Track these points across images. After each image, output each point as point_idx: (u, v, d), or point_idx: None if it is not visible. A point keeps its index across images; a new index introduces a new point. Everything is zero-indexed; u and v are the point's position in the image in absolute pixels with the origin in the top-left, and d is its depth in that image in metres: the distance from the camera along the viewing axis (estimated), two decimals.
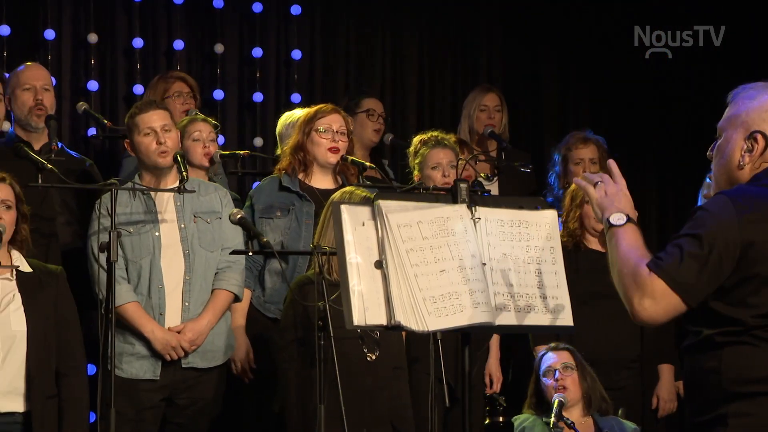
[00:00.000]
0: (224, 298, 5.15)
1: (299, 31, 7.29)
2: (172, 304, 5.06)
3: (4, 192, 4.49)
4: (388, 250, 3.45)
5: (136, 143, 5.12)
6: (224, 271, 5.15)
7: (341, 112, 5.50)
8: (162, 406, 5.06)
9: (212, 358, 5.12)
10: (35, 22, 6.67)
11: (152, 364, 5.02)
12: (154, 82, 6.21)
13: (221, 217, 5.17)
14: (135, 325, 4.99)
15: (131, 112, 5.19)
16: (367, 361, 4.52)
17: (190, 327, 5.04)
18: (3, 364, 4.38)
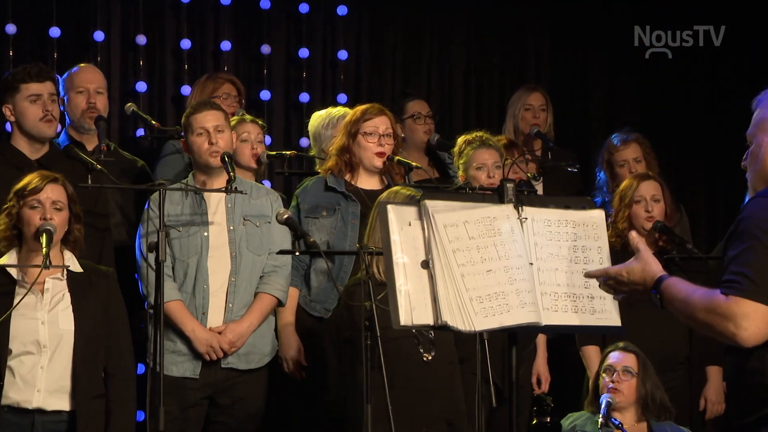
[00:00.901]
0: (268, 301, 5.17)
1: (346, 32, 7.31)
2: (215, 305, 5.09)
3: (56, 193, 4.54)
4: (434, 250, 3.45)
5: (189, 143, 5.17)
6: (269, 275, 5.18)
7: (387, 113, 5.50)
8: (204, 405, 5.08)
9: (252, 361, 5.14)
10: (85, 24, 6.74)
11: (193, 363, 5.05)
12: (202, 82, 6.24)
13: (271, 221, 5.19)
14: (177, 323, 5.03)
15: (187, 112, 5.24)
16: (423, 361, 4.50)
17: (231, 328, 5.07)
18: (50, 363, 4.42)
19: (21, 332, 4.40)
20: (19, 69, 5.13)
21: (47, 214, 4.48)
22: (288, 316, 5.29)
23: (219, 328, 5.06)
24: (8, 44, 6.52)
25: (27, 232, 4.48)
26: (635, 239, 3.29)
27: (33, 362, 4.40)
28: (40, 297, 4.46)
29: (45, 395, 4.40)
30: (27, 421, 4.39)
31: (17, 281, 4.47)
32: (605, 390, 5.15)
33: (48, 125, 5.04)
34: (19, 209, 4.49)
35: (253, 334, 5.12)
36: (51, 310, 4.46)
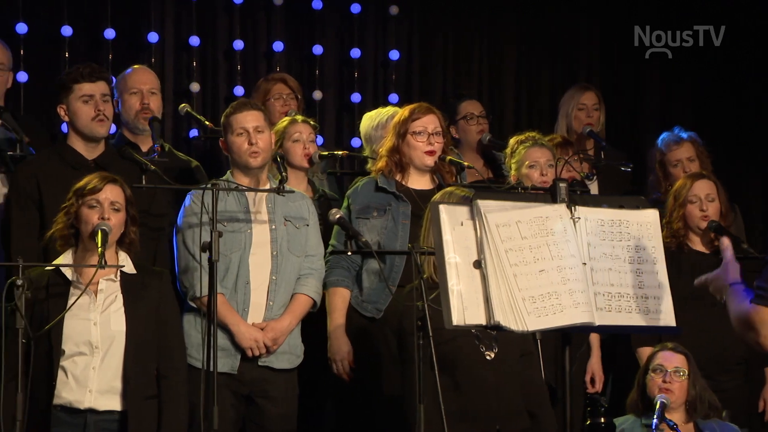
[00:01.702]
0: (305, 302, 5.19)
1: (397, 32, 7.31)
2: (256, 302, 5.10)
3: (114, 194, 4.57)
4: (486, 249, 3.45)
5: (229, 142, 5.19)
6: (306, 278, 5.20)
7: (435, 112, 5.48)
8: (242, 402, 5.08)
9: (287, 360, 5.15)
10: (139, 26, 6.80)
11: (231, 358, 5.06)
12: (258, 85, 6.28)
13: (309, 224, 5.22)
14: (219, 317, 5.00)
15: (227, 111, 5.25)
16: (487, 359, 4.48)
17: (272, 326, 5.08)
18: (101, 363, 4.44)
19: (74, 333, 4.43)
20: (72, 69, 5.17)
21: (105, 214, 4.51)
22: (339, 317, 5.29)
23: (260, 325, 5.08)
24: (64, 46, 6.59)
25: (84, 231, 4.52)
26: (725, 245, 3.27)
27: (85, 363, 4.43)
28: (93, 298, 4.49)
29: (97, 396, 4.42)
30: (79, 421, 4.41)
31: (72, 282, 4.51)
32: (656, 390, 5.11)
33: (100, 125, 5.07)
34: (77, 208, 4.52)
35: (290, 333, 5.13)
36: (103, 311, 4.49)
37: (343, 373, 5.27)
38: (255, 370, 5.08)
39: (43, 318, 4.40)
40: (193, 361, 4.84)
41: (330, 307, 5.27)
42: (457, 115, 6.51)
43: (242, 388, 5.07)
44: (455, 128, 6.47)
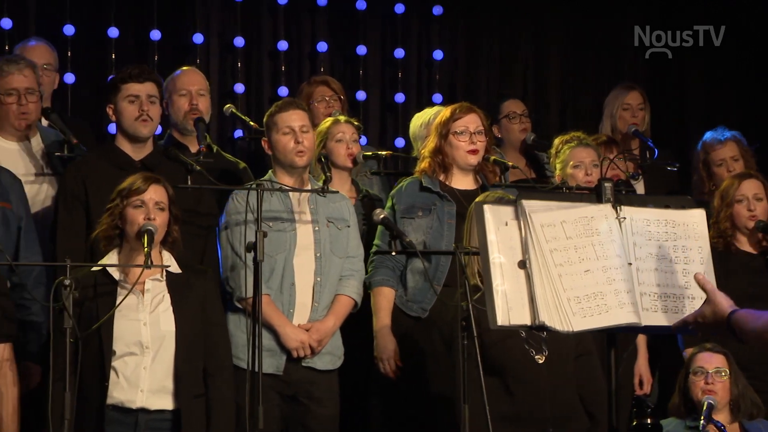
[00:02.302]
0: (347, 303, 5.20)
1: (441, 32, 7.31)
2: (301, 303, 5.11)
3: (159, 193, 4.59)
4: (531, 249, 3.44)
5: (273, 141, 5.19)
6: (347, 279, 5.21)
7: (477, 111, 5.46)
8: (286, 402, 5.10)
9: (330, 362, 5.16)
10: (184, 27, 6.85)
11: (276, 359, 5.07)
12: (300, 89, 6.31)
13: (350, 225, 5.23)
14: (265, 318, 5.01)
15: (270, 111, 5.26)
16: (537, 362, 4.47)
17: (317, 327, 5.09)
18: (152, 363, 4.47)
19: (124, 333, 4.46)
20: (122, 70, 5.22)
21: (150, 214, 4.53)
22: (384, 317, 5.29)
23: (305, 326, 5.09)
24: (110, 47, 6.65)
25: (129, 232, 4.55)
26: (701, 281, 3.26)
27: (136, 363, 4.46)
28: (141, 298, 4.52)
29: (148, 395, 4.45)
30: (131, 420, 4.44)
31: (119, 282, 4.55)
32: (699, 393, 5.07)
33: (143, 125, 5.09)
34: (122, 209, 4.55)
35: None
36: (152, 311, 4.51)
37: (390, 372, 5.27)
38: (299, 371, 5.09)
39: (91, 318, 4.43)
40: (238, 361, 4.86)
41: (375, 307, 5.28)
42: (499, 114, 6.50)
43: (287, 389, 5.09)
44: (498, 128, 6.46)
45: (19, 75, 5.30)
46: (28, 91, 5.31)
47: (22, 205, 5.03)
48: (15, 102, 5.30)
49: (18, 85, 5.29)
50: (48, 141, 5.44)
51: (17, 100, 5.30)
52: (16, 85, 5.29)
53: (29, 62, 5.40)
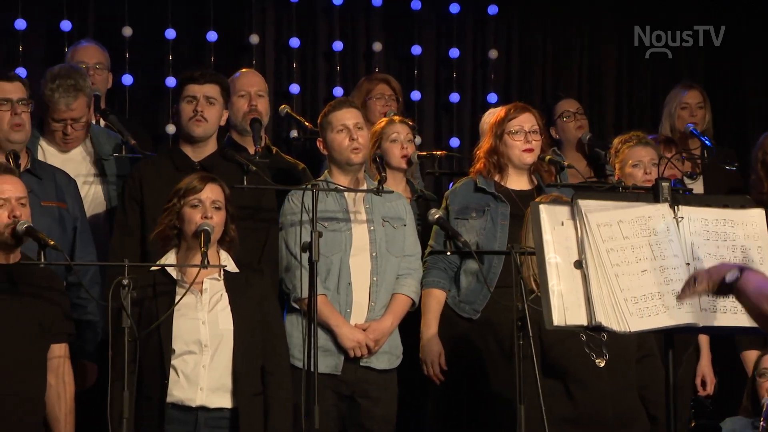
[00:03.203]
0: (404, 302, 5.19)
1: (496, 31, 7.29)
2: (358, 303, 5.12)
3: (215, 192, 4.61)
4: (587, 249, 3.44)
5: (329, 140, 5.20)
6: (404, 278, 5.20)
7: (532, 110, 5.45)
8: (344, 402, 5.11)
9: (388, 361, 5.16)
10: (240, 28, 6.89)
11: (335, 359, 5.08)
12: (360, 84, 6.32)
13: (406, 224, 5.23)
14: (322, 318, 5.03)
15: (325, 110, 5.28)
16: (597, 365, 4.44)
17: (374, 327, 5.09)
18: (211, 362, 4.48)
19: (183, 332, 4.48)
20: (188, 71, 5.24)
21: (207, 213, 4.56)
22: (432, 320, 5.28)
23: (362, 326, 5.09)
24: (167, 49, 6.71)
25: (187, 231, 4.57)
26: None
27: (195, 361, 4.47)
28: (199, 297, 4.54)
29: (207, 393, 4.46)
30: (191, 418, 4.46)
31: (177, 281, 4.58)
32: (765, 393, 5.02)
33: (196, 125, 5.12)
34: (179, 208, 4.58)
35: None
36: (210, 310, 4.53)
37: (434, 376, 5.27)
38: (357, 371, 5.09)
39: (151, 317, 4.46)
40: (294, 361, 4.87)
41: (424, 309, 5.28)
42: (554, 115, 6.48)
43: (344, 388, 5.09)
44: (555, 129, 6.44)
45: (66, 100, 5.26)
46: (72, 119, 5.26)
47: (77, 205, 5.09)
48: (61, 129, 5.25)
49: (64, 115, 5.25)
50: (99, 143, 5.48)
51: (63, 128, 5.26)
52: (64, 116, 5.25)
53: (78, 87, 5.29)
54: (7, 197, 4.40)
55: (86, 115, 5.36)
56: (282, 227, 5.14)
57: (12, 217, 4.38)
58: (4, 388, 4.35)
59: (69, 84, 5.25)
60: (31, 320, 4.42)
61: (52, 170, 5.11)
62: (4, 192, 4.41)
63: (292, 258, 5.07)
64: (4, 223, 4.39)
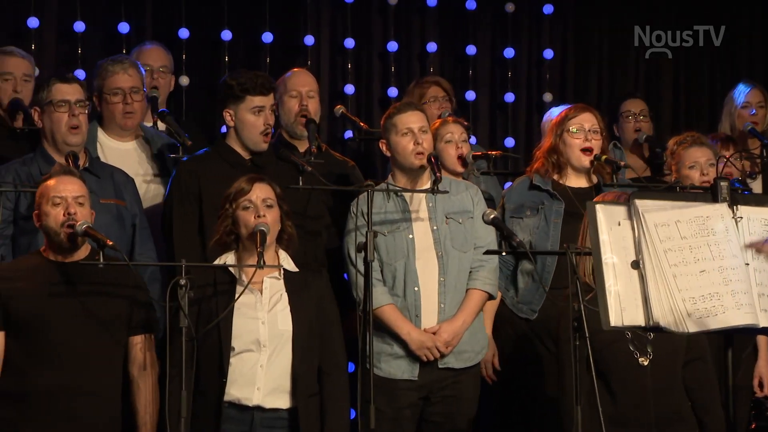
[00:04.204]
0: (478, 297, 5.16)
1: (551, 31, 7.26)
2: (427, 306, 5.10)
3: (265, 191, 4.63)
4: (645, 249, 3.42)
5: (392, 143, 5.20)
6: (477, 271, 5.17)
7: (592, 110, 5.45)
8: (420, 404, 5.10)
9: (468, 359, 5.14)
10: (296, 29, 6.91)
11: (410, 364, 5.07)
12: (410, 89, 6.32)
13: (473, 216, 5.18)
14: (392, 326, 5.05)
15: (389, 113, 5.26)
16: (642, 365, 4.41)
17: (445, 328, 5.08)
18: (269, 362, 4.50)
19: (242, 331, 4.50)
20: (245, 78, 5.19)
21: (260, 212, 4.57)
22: (486, 320, 5.27)
23: (433, 328, 5.08)
24: (224, 50, 6.75)
25: (243, 234, 4.58)
26: None
27: (253, 361, 4.49)
28: (259, 296, 4.55)
29: (264, 393, 4.48)
30: (247, 418, 4.48)
31: (237, 280, 4.59)
32: None
33: (265, 138, 5.18)
34: (233, 212, 4.60)
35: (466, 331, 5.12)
36: (270, 310, 4.55)
37: (487, 377, 5.27)
38: (434, 373, 5.08)
39: (210, 315, 4.48)
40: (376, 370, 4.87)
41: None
42: (617, 113, 6.45)
43: (423, 391, 5.09)
44: (616, 126, 6.42)
45: (123, 75, 5.43)
46: (133, 90, 5.43)
47: (135, 203, 5.14)
48: (120, 101, 5.42)
49: (123, 84, 5.41)
50: (154, 142, 5.54)
51: (122, 100, 5.42)
52: (121, 85, 5.41)
53: (133, 62, 5.52)
54: (64, 196, 4.46)
55: (142, 91, 5.46)
56: (347, 235, 5.12)
57: (66, 214, 4.44)
58: (70, 386, 4.40)
59: (124, 59, 5.50)
60: (98, 317, 4.46)
61: (110, 169, 5.17)
62: (62, 191, 4.47)
63: (352, 267, 5.07)
64: (60, 221, 4.45)
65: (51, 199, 4.46)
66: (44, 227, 4.48)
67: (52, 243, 4.48)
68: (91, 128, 5.43)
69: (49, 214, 4.46)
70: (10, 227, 4.91)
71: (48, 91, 5.02)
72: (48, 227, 4.47)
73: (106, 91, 5.43)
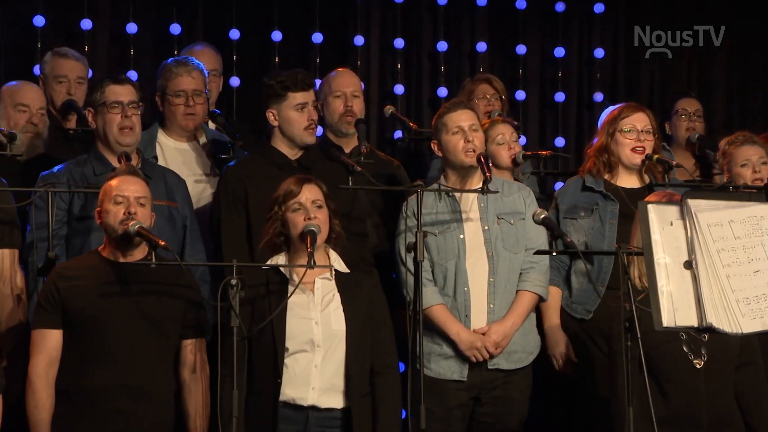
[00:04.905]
0: (528, 299, 5.15)
1: (602, 30, 7.23)
2: (477, 306, 5.10)
3: (313, 192, 4.63)
4: (698, 249, 3.39)
5: (443, 142, 5.19)
6: (528, 272, 5.16)
7: (646, 111, 5.42)
8: (470, 405, 5.10)
9: (518, 360, 5.13)
10: (345, 29, 6.93)
11: (459, 364, 5.07)
12: (463, 85, 6.32)
13: (525, 217, 5.17)
14: (441, 326, 5.06)
15: (440, 112, 5.26)
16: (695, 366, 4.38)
17: (494, 329, 5.07)
18: (323, 361, 4.51)
19: (296, 331, 4.51)
20: (284, 76, 5.24)
21: (311, 214, 4.58)
22: (553, 314, 5.26)
23: (483, 329, 5.07)
24: (274, 51, 6.79)
25: (293, 235, 4.59)
26: None
27: (307, 360, 4.49)
28: (311, 297, 4.57)
29: (319, 393, 4.49)
30: (302, 417, 4.48)
31: (289, 281, 4.60)
32: None
33: (310, 133, 5.20)
34: (282, 215, 4.61)
35: (516, 332, 5.11)
36: (323, 310, 4.56)
37: (565, 369, 5.25)
38: (484, 373, 5.08)
39: (264, 315, 4.49)
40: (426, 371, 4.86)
41: (543, 306, 5.25)
42: (671, 110, 6.41)
43: (473, 391, 5.09)
44: (669, 124, 6.37)
45: (187, 77, 5.48)
46: (196, 93, 5.47)
47: (186, 204, 5.17)
48: (183, 103, 5.46)
49: (186, 86, 5.46)
50: (214, 142, 5.58)
51: (185, 102, 5.46)
52: (185, 87, 5.46)
53: (197, 65, 5.56)
54: (126, 195, 4.51)
55: (204, 94, 5.51)
56: (398, 236, 5.13)
57: (127, 213, 4.49)
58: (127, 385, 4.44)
59: (188, 61, 5.54)
60: (154, 318, 4.50)
61: (162, 171, 5.21)
62: (124, 191, 4.52)
63: (403, 267, 5.07)
64: (119, 219, 4.49)
65: (113, 198, 4.51)
66: (104, 225, 4.54)
67: (111, 241, 4.53)
68: (152, 129, 5.49)
69: (110, 211, 4.51)
70: (64, 227, 4.97)
71: (101, 93, 5.06)
72: (107, 224, 4.52)
73: (169, 92, 5.48)
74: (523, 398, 5.14)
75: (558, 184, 6.35)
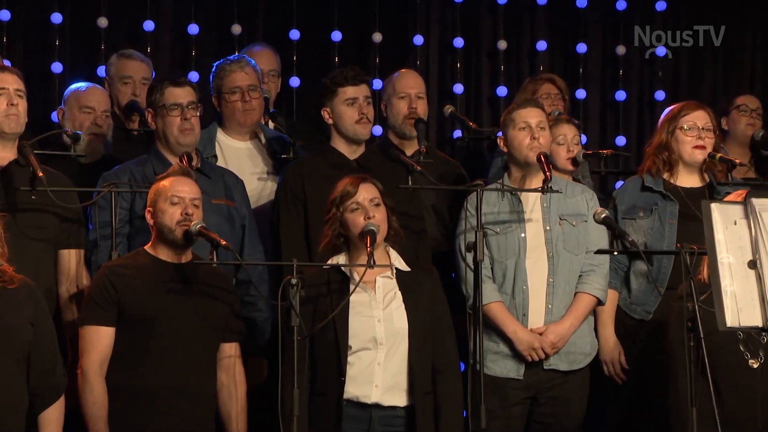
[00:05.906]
0: (587, 302, 5.13)
1: (664, 27, 7.17)
2: (535, 306, 5.09)
3: (370, 191, 4.63)
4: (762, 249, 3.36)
5: (509, 138, 5.18)
6: (588, 275, 5.14)
7: (706, 108, 5.38)
8: (527, 404, 5.10)
9: (574, 361, 5.11)
10: (405, 29, 6.94)
11: (516, 363, 5.07)
12: (525, 85, 6.30)
13: (587, 219, 5.15)
14: (498, 324, 5.06)
15: (509, 108, 5.27)
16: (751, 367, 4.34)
17: (552, 329, 5.06)
18: (386, 359, 4.52)
19: (359, 330, 4.52)
20: (336, 73, 5.28)
21: (369, 213, 4.58)
22: (607, 318, 5.24)
23: (540, 329, 5.06)
24: (334, 51, 6.81)
25: (353, 235, 4.59)
26: None
27: (370, 359, 4.50)
28: (373, 295, 4.58)
29: (382, 391, 4.49)
30: (365, 415, 4.49)
31: (351, 279, 4.61)
32: None
33: (363, 127, 5.20)
34: (341, 215, 4.62)
35: (573, 334, 5.08)
36: (385, 308, 4.57)
37: (615, 376, 5.22)
38: (541, 373, 5.08)
39: (326, 313, 4.49)
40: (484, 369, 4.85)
41: (598, 309, 5.23)
42: (730, 106, 6.33)
43: (529, 390, 5.09)
44: (726, 119, 6.29)
45: (241, 73, 5.52)
46: (251, 88, 5.51)
47: (244, 204, 5.20)
48: (239, 99, 5.50)
49: (241, 82, 5.49)
50: (272, 142, 5.61)
51: (241, 97, 5.50)
52: (239, 83, 5.50)
53: (249, 60, 5.60)
54: (182, 197, 4.55)
55: (260, 89, 5.55)
56: (458, 234, 5.13)
57: (184, 214, 4.52)
58: (177, 384, 4.48)
59: (240, 58, 5.61)
60: (202, 319, 4.54)
61: (221, 171, 5.25)
62: (180, 192, 4.56)
63: (462, 262, 5.07)
64: (176, 220, 4.53)
65: (169, 198, 4.55)
66: (159, 224, 4.57)
67: (165, 241, 4.57)
68: (211, 128, 5.54)
69: (166, 212, 4.55)
70: (126, 226, 5.02)
71: (161, 95, 5.11)
72: (163, 224, 4.55)
73: (225, 90, 5.53)
74: (580, 399, 5.12)
75: (618, 183, 6.30)
